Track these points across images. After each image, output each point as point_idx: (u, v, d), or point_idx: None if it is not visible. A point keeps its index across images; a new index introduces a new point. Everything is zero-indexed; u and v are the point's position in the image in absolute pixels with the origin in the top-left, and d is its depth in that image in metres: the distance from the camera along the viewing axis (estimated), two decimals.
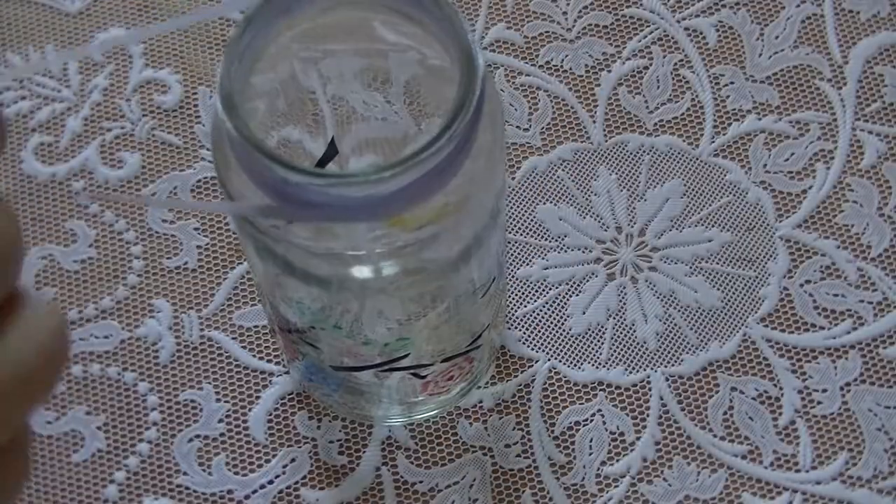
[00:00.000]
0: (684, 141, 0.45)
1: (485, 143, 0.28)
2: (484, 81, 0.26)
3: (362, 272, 0.30)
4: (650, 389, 0.41)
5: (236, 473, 0.40)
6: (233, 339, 0.42)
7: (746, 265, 0.43)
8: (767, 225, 0.43)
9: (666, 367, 0.41)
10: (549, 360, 0.42)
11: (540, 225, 0.43)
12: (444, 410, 0.40)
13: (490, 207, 0.31)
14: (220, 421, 0.41)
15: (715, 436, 0.40)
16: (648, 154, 0.44)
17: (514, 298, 0.42)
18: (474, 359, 0.38)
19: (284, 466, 0.40)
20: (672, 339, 0.42)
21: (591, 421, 0.41)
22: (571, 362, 0.41)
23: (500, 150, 0.30)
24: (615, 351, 0.42)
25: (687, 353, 0.41)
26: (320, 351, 0.36)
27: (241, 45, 0.27)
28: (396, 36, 0.30)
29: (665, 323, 0.42)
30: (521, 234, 0.43)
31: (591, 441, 0.40)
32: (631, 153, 0.44)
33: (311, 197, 0.26)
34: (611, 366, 0.41)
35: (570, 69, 0.46)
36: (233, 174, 0.28)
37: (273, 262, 0.30)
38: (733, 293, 0.42)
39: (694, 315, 0.42)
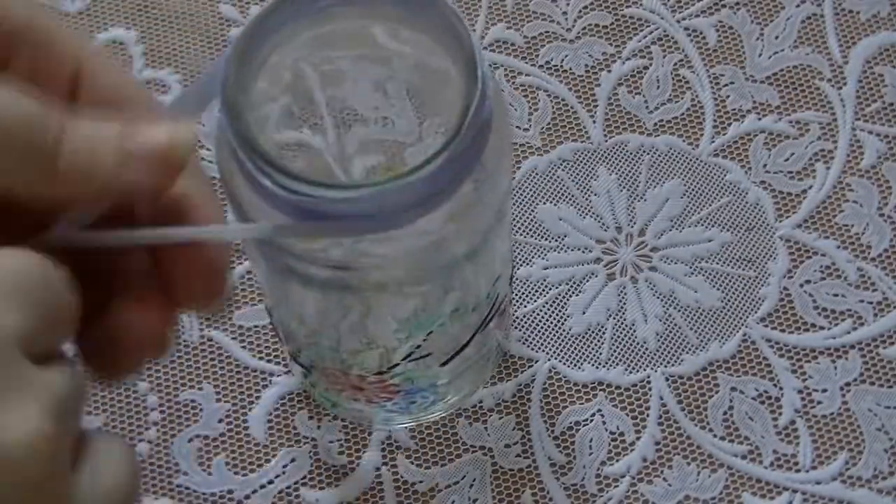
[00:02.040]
0: (684, 141, 0.45)
1: (492, 145, 0.28)
2: (486, 84, 0.26)
3: (371, 275, 0.30)
4: (650, 389, 0.41)
5: (236, 473, 0.40)
6: (233, 339, 0.42)
7: (746, 265, 0.43)
8: (767, 225, 0.43)
9: (666, 367, 0.41)
10: (549, 360, 0.42)
11: (540, 225, 0.43)
12: (449, 411, 0.41)
13: (496, 209, 0.31)
14: (220, 421, 0.41)
15: (715, 436, 0.40)
16: (648, 154, 0.44)
17: (514, 298, 0.42)
18: (480, 359, 0.38)
19: (284, 466, 0.40)
20: (672, 339, 0.42)
21: (591, 421, 0.41)
22: (571, 362, 0.41)
23: (507, 151, 0.30)
24: (615, 351, 0.42)
25: (687, 353, 0.41)
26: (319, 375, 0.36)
27: (247, 54, 0.27)
28: (397, 43, 0.30)
29: (665, 323, 0.42)
30: (521, 234, 0.43)
31: (591, 441, 0.40)
32: (631, 153, 0.44)
33: (322, 209, 0.25)
34: (611, 366, 0.41)
35: (570, 69, 0.46)
36: (242, 188, 0.27)
37: (283, 273, 0.30)
38: (733, 293, 0.42)
39: (694, 315, 0.42)
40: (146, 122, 0.25)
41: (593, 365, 0.41)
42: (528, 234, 0.43)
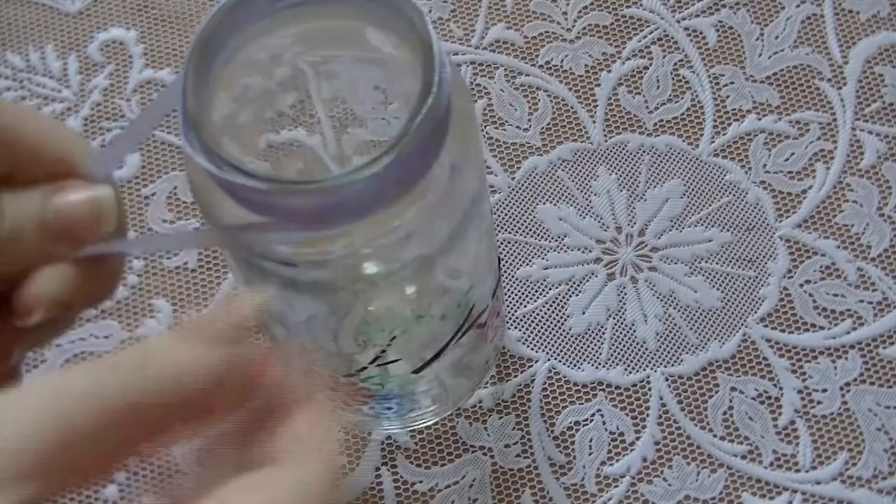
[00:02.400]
0: (684, 141, 0.45)
1: (453, 145, 0.27)
2: (442, 70, 0.26)
3: (347, 273, 0.30)
4: (650, 389, 0.41)
5: None
6: None
7: (746, 265, 0.43)
8: (767, 225, 0.43)
9: (666, 367, 0.41)
10: (548, 360, 0.42)
11: (540, 225, 0.43)
12: (442, 416, 0.40)
13: (459, 213, 0.30)
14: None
15: (715, 436, 0.40)
16: (648, 154, 0.44)
17: (513, 298, 0.42)
18: (466, 371, 0.38)
19: None
20: (672, 339, 0.42)
21: (591, 421, 0.41)
22: (571, 362, 0.41)
23: (471, 153, 0.29)
24: (615, 351, 0.42)
25: (687, 353, 0.41)
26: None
27: (203, 64, 0.26)
28: (388, 47, 0.29)
29: (665, 323, 0.42)
30: (521, 234, 0.43)
31: (590, 441, 0.40)
32: (631, 153, 0.44)
33: (288, 204, 0.25)
34: (611, 366, 0.41)
35: (570, 69, 0.46)
36: (212, 196, 0.27)
37: (264, 280, 0.30)
38: (733, 293, 0.42)
39: (694, 315, 0.42)
40: (68, 188, 0.26)
41: (593, 365, 0.41)
42: (528, 234, 0.43)
